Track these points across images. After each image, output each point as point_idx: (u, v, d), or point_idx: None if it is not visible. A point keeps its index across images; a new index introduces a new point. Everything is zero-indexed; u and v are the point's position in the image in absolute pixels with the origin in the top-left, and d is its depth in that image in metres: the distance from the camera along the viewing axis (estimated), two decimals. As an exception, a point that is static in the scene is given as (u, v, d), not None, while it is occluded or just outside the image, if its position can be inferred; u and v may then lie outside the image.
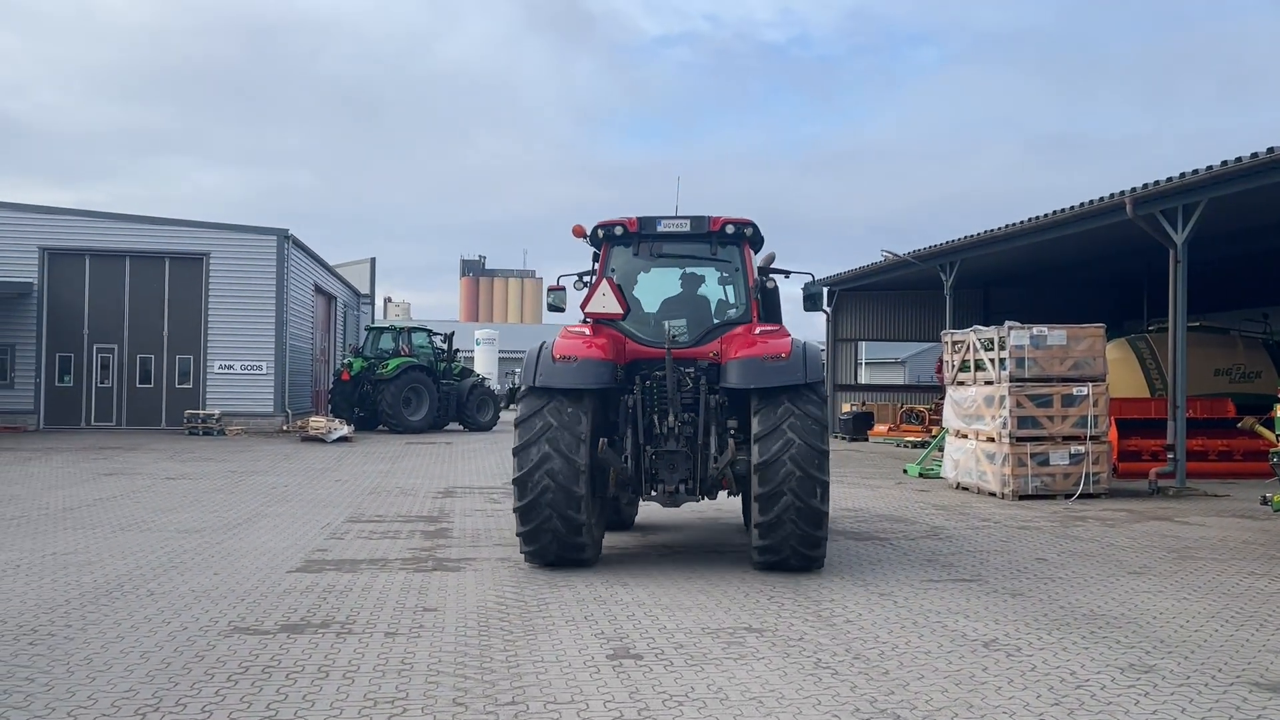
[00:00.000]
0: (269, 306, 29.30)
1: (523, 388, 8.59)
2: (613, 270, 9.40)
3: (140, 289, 29.33)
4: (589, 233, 9.44)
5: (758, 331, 8.89)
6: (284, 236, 29.62)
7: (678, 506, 9.17)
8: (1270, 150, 13.26)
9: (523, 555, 8.68)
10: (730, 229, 9.44)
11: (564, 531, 8.29)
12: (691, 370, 8.82)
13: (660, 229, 9.40)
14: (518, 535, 8.49)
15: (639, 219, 9.41)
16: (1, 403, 28.08)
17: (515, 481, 8.31)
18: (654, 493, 8.75)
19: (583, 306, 9.07)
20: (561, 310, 9.94)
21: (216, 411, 27.91)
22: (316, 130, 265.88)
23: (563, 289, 9.88)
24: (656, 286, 9.87)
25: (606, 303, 8.86)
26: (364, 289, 46.68)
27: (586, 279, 9.70)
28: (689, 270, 9.83)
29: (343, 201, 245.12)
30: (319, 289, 35.91)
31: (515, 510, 8.37)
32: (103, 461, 18.80)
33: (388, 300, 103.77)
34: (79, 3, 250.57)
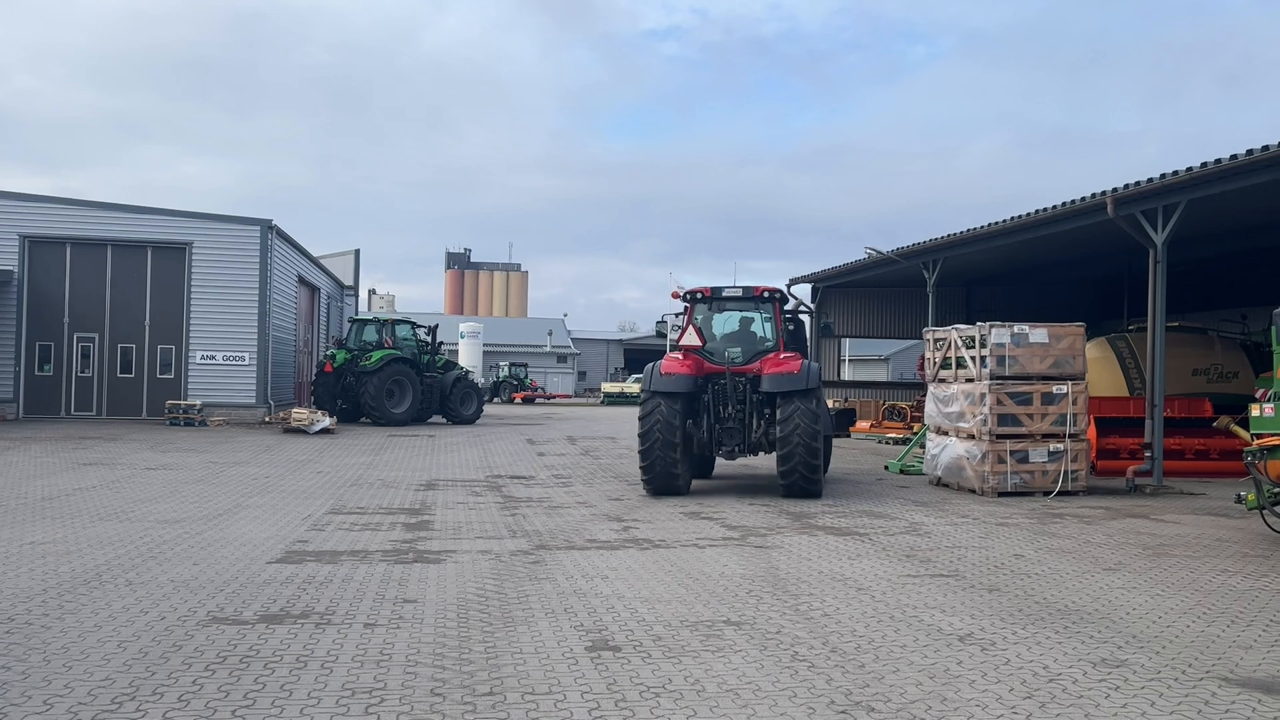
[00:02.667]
0: (252, 297, 29.15)
1: (643, 391, 13.80)
2: (697, 318, 14.66)
3: (122, 278, 29.14)
4: (684, 294, 15.00)
5: (781, 356, 14.09)
6: (268, 227, 29.47)
7: (734, 460, 15.13)
8: (1249, 152, 13.39)
9: (643, 485, 13.85)
10: (765, 294, 14.88)
11: (665, 473, 13.51)
12: (742, 380, 14.11)
13: (724, 294, 14.95)
14: (641, 472, 13.69)
15: (711, 288, 14.95)
16: (-20, 391, 27.85)
17: (641, 442, 13.49)
18: (720, 452, 14.25)
19: (678, 341, 14.56)
20: (663, 336, 16.55)
21: (198, 402, 27.78)
22: (300, 120, 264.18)
23: (664, 322, 16.93)
24: (721, 327, 15.21)
25: (690, 338, 14.28)
26: (348, 280, 46.50)
27: (677, 321, 15.25)
28: (743, 315, 15.22)
29: (327, 192, 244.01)
30: (302, 280, 35.75)
31: (641, 461, 13.58)
32: (82, 451, 18.70)
33: (371, 292, 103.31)
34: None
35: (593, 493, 14.10)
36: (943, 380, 16.08)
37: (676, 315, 15.48)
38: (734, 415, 14.02)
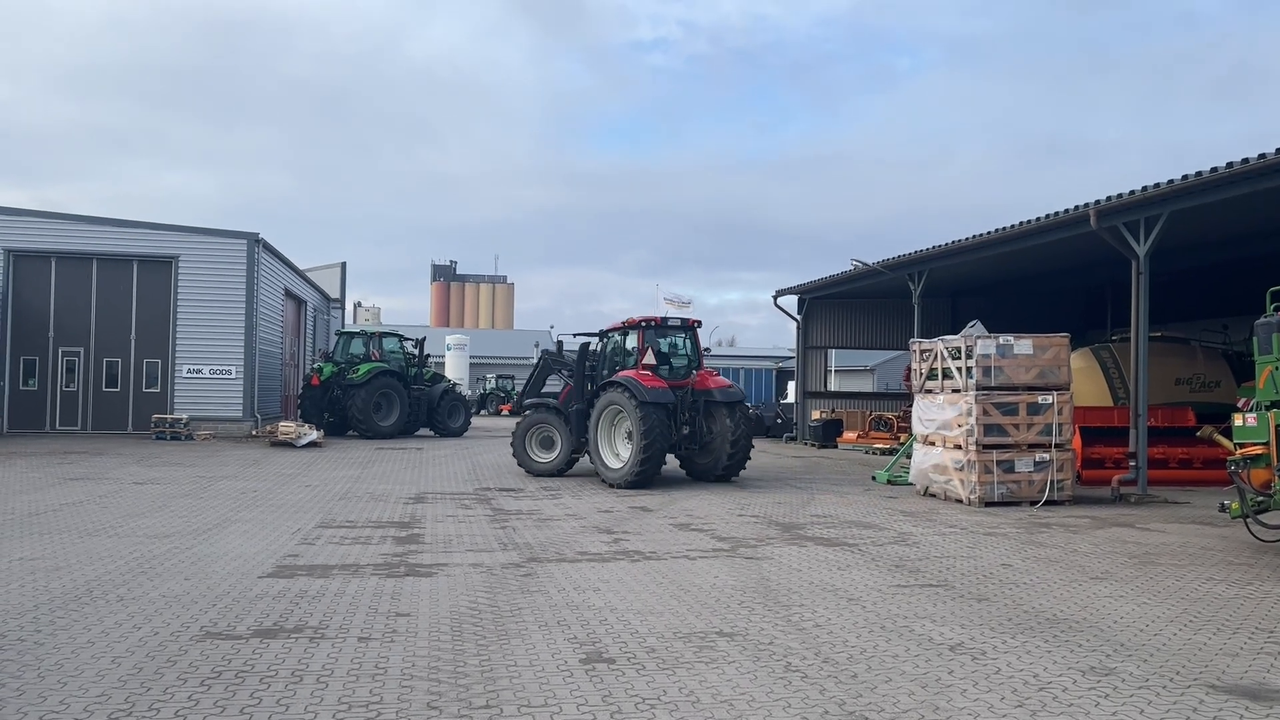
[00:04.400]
0: (239, 310, 29.07)
1: (637, 401, 16.24)
2: (649, 343, 17.62)
3: (108, 292, 29.01)
4: (639, 324, 17.89)
5: (711, 373, 18.04)
6: (254, 240, 29.41)
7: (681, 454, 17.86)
8: (1230, 165, 13.57)
9: (634, 477, 16.31)
10: (692, 324, 18.31)
11: (655, 469, 16.57)
12: (694, 392, 17.44)
13: (669, 324, 18.14)
14: (638, 466, 16.22)
15: (661, 318, 18.30)
16: (-37, 406, 27.63)
17: (644, 446, 16.06)
18: (680, 450, 17.55)
19: (639, 362, 17.40)
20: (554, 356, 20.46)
21: (185, 416, 27.65)
22: (284, 131, 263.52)
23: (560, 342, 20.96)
24: (665, 349, 18.04)
25: (648, 360, 17.39)
26: (334, 293, 46.37)
27: (605, 335, 19.03)
28: (675, 340, 18.10)
29: (312, 204, 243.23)
30: (289, 293, 35.66)
31: (641, 456, 16.16)
32: (68, 466, 18.59)
33: (358, 305, 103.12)
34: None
35: (582, 505, 14.12)
36: (929, 391, 16.19)
37: (574, 335, 19.72)
38: (688, 420, 17.38)
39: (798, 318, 32.65)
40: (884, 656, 6.27)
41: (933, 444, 15.80)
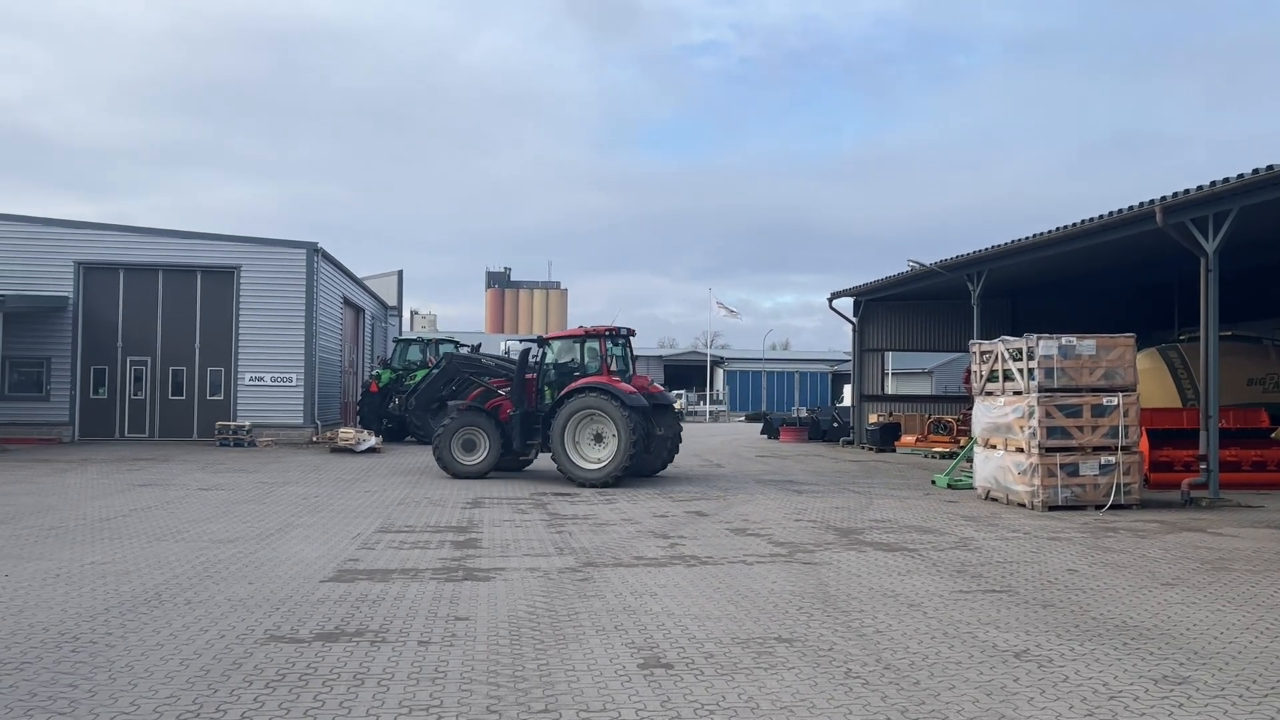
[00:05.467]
0: (299, 319, 29.62)
1: (624, 406, 17.39)
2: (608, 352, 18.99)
3: (172, 302, 29.75)
4: (603, 333, 18.77)
5: (646, 378, 19.54)
6: (313, 250, 29.95)
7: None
8: (1302, 158, 13.13)
9: (619, 476, 17.46)
10: (631, 334, 19.31)
11: (639, 461, 17.87)
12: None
13: (620, 334, 19.03)
14: (625, 463, 17.40)
15: (617, 327, 19.02)
16: (38, 415, 28.53)
17: (632, 444, 17.22)
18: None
19: (603, 369, 18.42)
20: (510, 362, 21.42)
21: (247, 423, 28.22)
22: (341, 142, 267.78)
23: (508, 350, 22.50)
24: (618, 358, 19.25)
25: (614, 367, 18.80)
26: (391, 301, 47.05)
27: (546, 343, 19.35)
28: (622, 349, 19.23)
29: (369, 213, 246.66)
30: (348, 301, 36.24)
31: (629, 452, 17.30)
32: (137, 473, 19.07)
33: (413, 312, 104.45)
34: (99, 13, 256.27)
35: (637, 509, 14.12)
36: (990, 393, 15.92)
37: (520, 340, 20.46)
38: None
39: (854, 320, 32.34)
40: (946, 663, 6.16)
41: (994, 447, 15.53)
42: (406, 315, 63.88)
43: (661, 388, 19.67)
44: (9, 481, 17.09)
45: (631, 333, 19.33)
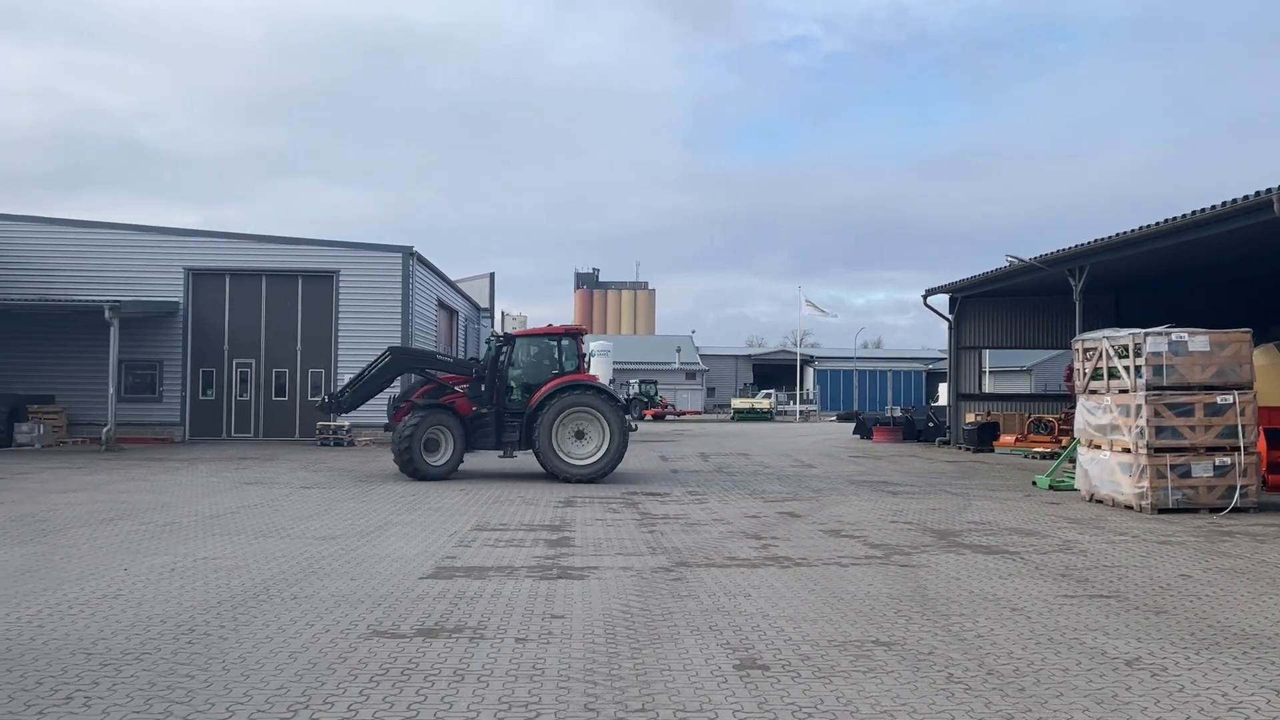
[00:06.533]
0: (395, 321, 30.33)
1: (615, 403, 18.12)
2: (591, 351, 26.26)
3: (275, 306, 30.77)
4: (576, 332, 19.50)
5: (592, 377, 19.54)
6: (408, 253, 30.63)
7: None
8: None
9: (609, 470, 17.92)
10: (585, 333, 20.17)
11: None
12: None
13: (582, 333, 19.80)
14: (618, 459, 17.93)
15: (581, 327, 20.19)
16: (152, 415, 29.83)
17: (625, 437, 17.96)
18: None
19: (580, 367, 19.03)
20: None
21: (346, 423, 28.99)
22: (433, 146, 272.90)
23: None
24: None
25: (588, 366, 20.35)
26: (483, 303, 47.84)
27: (510, 340, 19.40)
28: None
29: (461, 216, 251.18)
30: (441, 304, 36.96)
31: (621, 450, 17.95)
32: (243, 471, 19.77)
33: (504, 314, 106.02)
34: (202, 27, 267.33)
35: (729, 509, 14.06)
36: (1094, 392, 15.40)
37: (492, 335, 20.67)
38: None
39: (949, 317, 31.65)
40: (1053, 670, 5.98)
41: (1098, 447, 15.02)
42: (498, 317, 64.86)
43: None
44: (126, 479, 17.90)
45: (585, 332, 20.09)
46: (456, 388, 19.08)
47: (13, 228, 30.43)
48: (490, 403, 18.56)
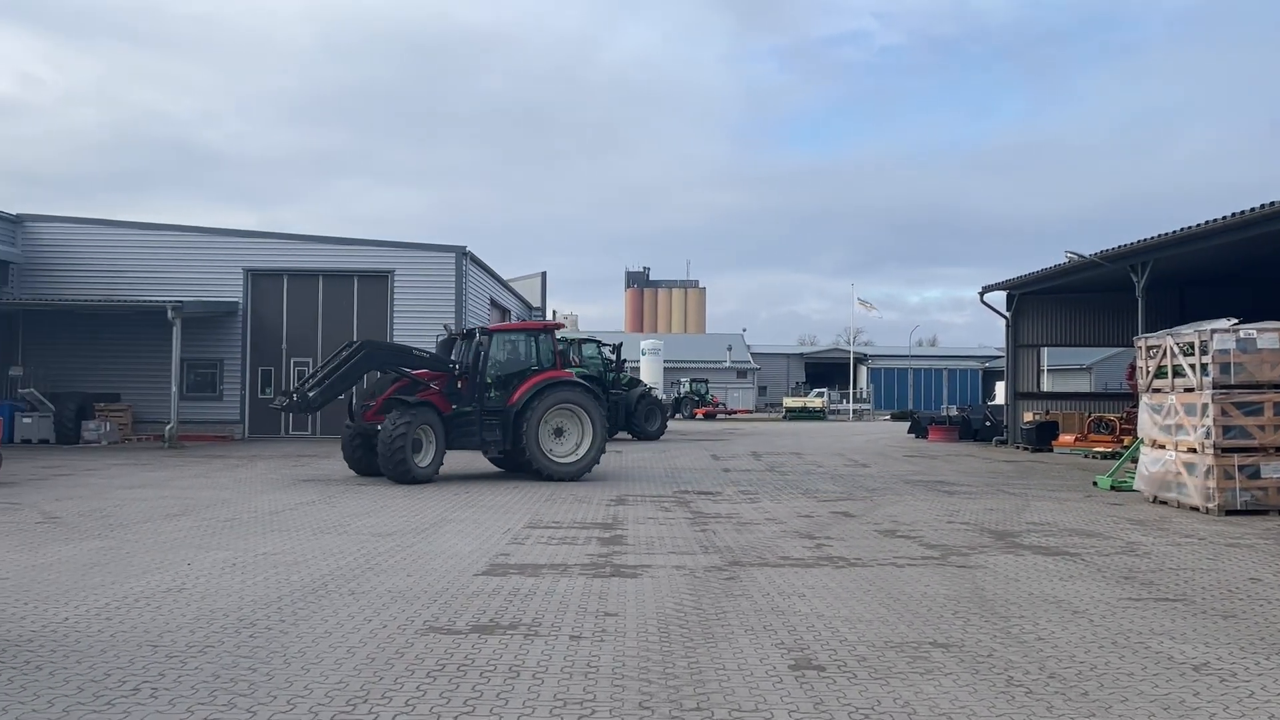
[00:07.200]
0: (448, 320, 30.60)
1: (598, 398, 18.26)
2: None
3: (332, 305, 31.26)
4: (552, 328, 19.46)
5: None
6: (462, 253, 30.92)
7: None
8: None
9: (592, 466, 17.88)
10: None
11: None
12: None
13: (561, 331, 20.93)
14: (601, 454, 18.03)
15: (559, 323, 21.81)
16: (213, 413, 30.48)
17: (606, 434, 18.44)
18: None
19: (557, 364, 18.70)
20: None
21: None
22: (484, 146, 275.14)
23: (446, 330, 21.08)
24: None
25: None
26: (535, 302, 48.10)
27: (487, 333, 18.48)
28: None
29: (513, 215, 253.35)
30: (494, 303, 37.27)
31: (603, 446, 18.06)
32: (301, 468, 20.10)
33: (554, 313, 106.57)
34: (258, 30, 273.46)
35: (781, 509, 13.97)
36: (1157, 390, 15.04)
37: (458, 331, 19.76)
38: None
39: (1007, 315, 31.16)
40: (1117, 674, 5.84)
41: (1162, 447, 14.66)
42: (550, 316, 65.29)
43: None
44: (189, 476, 18.30)
45: (561, 327, 20.13)
46: (434, 384, 17.89)
47: (79, 231, 31.31)
48: (473, 400, 17.65)
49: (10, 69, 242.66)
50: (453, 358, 18.61)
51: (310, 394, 17.22)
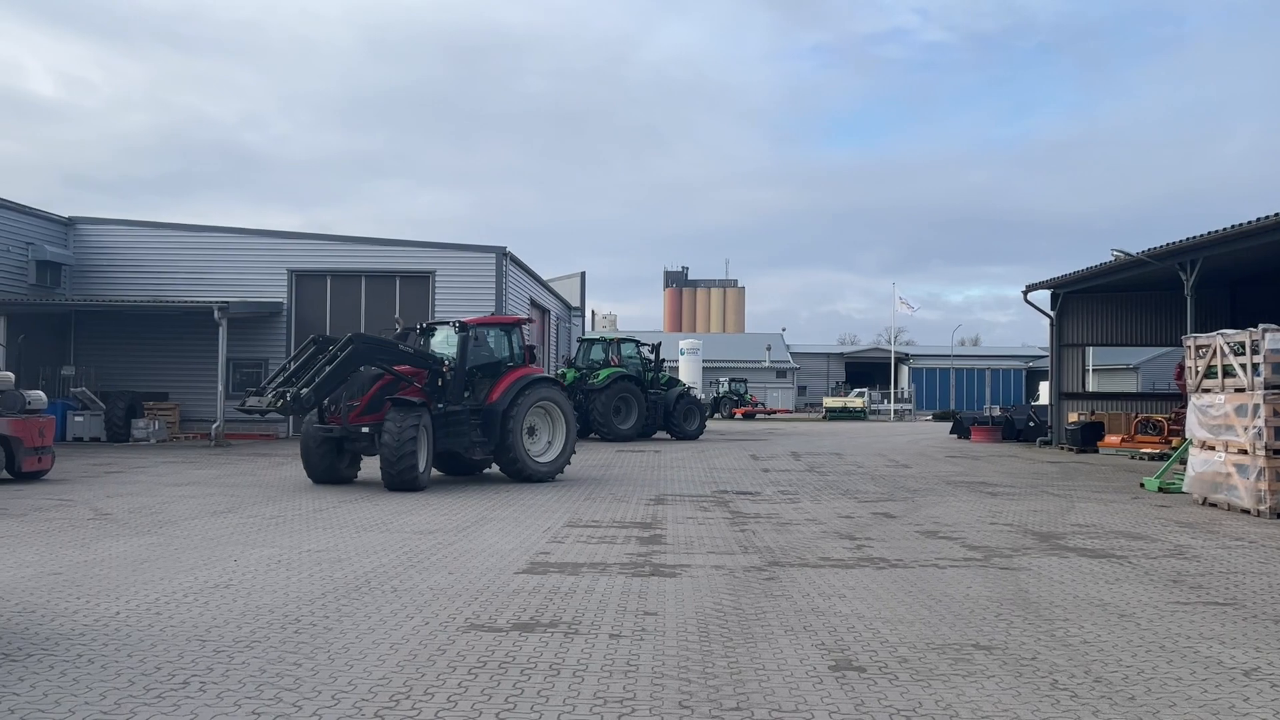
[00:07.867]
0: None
1: (571, 397, 18.77)
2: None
3: (374, 306, 31.55)
4: (524, 323, 19.01)
5: None
6: (502, 253, 31.09)
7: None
8: None
9: (565, 465, 17.80)
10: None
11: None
12: None
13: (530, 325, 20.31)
14: (572, 453, 17.92)
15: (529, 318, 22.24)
16: (257, 412, 30.87)
17: (575, 431, 18.10)
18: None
19: (526, 360, 18.08)
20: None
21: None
22: (524, 146, 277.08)
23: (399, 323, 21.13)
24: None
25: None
26: (575, 302, 48.28)
27: (466, 327, 17.64)
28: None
29: (552, 216, 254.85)
30: (534, 303, 37.43)
31: (574, 445, 17.94)
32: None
33: (593, 313, 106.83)
34: (301, 34, 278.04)
35: (821, 509, 13.90)
36: (1207, 390, 14.76)
37: (418, 328, 18.90)
38: None
39: (1051, 314, 30.73)
40: (1165, 679, 5.75)
41: (1212, 448, 14.40)
42: (589, 315, 65.53)
43: None
44: (234, 474, 18.59)
45: (531, 322, 19.82)
46: (419, 383, 16.86)
47: (128, 233, 31.92)
48: (460, 399, 16.76)
49: (61, 73, 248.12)
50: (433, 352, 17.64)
51: (303, 393, 15.80)
